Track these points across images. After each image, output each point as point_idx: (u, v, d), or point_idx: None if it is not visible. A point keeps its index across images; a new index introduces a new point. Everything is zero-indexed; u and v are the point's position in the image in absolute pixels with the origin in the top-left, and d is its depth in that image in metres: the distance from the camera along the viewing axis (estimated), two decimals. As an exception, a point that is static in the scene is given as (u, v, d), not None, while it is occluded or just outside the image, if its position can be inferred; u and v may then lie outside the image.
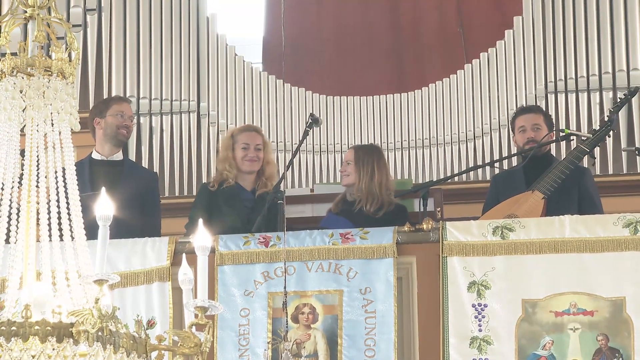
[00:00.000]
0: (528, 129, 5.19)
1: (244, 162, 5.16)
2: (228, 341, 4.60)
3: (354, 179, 5.10)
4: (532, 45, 6.93)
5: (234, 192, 5.13)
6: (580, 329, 4.47)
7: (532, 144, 5.14)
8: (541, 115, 5.27)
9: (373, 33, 7.47)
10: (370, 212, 5.01)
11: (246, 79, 7.21)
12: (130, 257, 4.74)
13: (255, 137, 5.23)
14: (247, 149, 5.17)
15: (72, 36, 3.00)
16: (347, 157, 5.21)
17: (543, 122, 5.23)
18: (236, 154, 5.18)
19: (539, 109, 5.55)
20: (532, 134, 5.18)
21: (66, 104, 2.94)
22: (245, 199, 5.13)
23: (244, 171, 5.17)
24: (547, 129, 5.20)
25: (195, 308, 2.91)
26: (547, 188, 4.98)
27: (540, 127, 5.19)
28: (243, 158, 5.16)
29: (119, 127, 5.23)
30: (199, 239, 2.97)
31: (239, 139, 5.20)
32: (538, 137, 5.16)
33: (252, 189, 5.17)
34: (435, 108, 7.12)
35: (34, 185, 2.91)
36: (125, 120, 5.25)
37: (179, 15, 7.14)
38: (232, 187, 5.13)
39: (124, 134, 5.27)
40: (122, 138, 5.29)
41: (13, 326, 2.63)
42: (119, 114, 5.24)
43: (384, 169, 5.16)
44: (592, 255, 4.54)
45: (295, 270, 4.65)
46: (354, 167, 5.11)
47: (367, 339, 4.55)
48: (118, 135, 5.24)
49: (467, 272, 4.56)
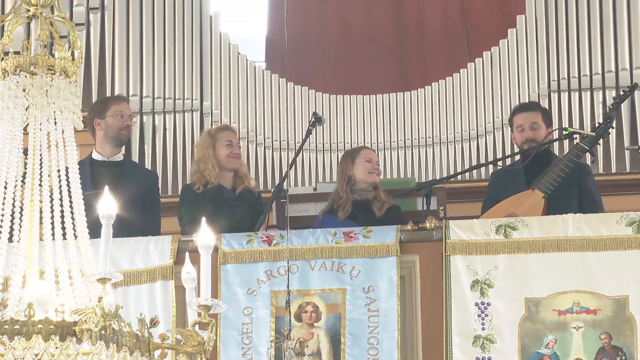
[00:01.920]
0: (526, 128, 5.17)
1: (229, 160, 5.17)
2: (231, 340, 4.59)
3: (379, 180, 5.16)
4: (535, 44, 6.93)
5: (218, 193, 5.14)
6: (583, 328, 4.47)
7: (531, 143, 5.12)
8: (539, 113, 5.24)
9: (376, 32, 7.47)
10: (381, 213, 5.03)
11: (249, 78, 7.21)
12: (133, 256, 4.73)
13: (234, 135, 5.28)
14: (231, 146, 5.18)
15: (75, 35, 3.00)
16: (373, 155, 5.23)
17: (541, 119, 5.20)
18: (218, 153, 5.18)
19: (537, 106, 5.51)
20: (531, 133, 5.16)
21: (69, 103, 2.94)
22: (228, 197, 5.14)
23: (228, 168, 5.18)
24: (545, 127, 5.18)
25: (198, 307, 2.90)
26: (547, 187, 4.97)
27: (538, 125, 5.17)
28: (228, 155, 5.17)
29: (121, 128, 5.22)
30: (202, 237, 2.96)
31: (221, 137, 5.22)
32: (536, 136, 5.14)
33: (232, 187, 5.18)
34: (438, 107, 7.12)
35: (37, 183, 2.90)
36: (126, 120, 5.24)
37: (181, 14, 7.14)
38: (215, 188, 5.15)
39: (126, 134, 5.27)
40: (124, 138, 5.29)
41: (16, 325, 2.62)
42: (119, 114, 5.23)
43: None
44: (595, 253, 4.53)
45: (298, 268, 4.65)
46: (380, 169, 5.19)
47: (370, 337, 4.54)
48: (120, 136, 5.24)
49: (470, 270, 4.56)
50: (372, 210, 5.06)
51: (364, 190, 5.12)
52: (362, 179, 5.14)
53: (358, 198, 5.12)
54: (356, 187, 5.13)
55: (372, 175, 5.13)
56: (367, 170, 5.14)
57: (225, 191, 5.16)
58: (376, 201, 5.08)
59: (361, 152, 5.24)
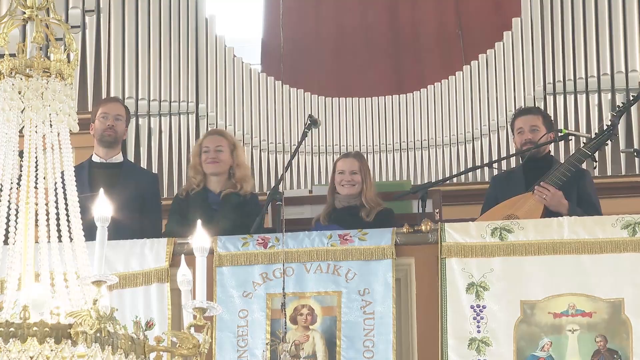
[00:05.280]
0: (526, 130, 5.17)
1: (206, 165, 5.19)
2: (226, 342, 4.59)
3: (359, 189, 5.08)
4: (531, 46, 6.93)
5: (201, 197, 5.16)
6: (578, 330, 4.47)
7: (530, 145, 5.12)
8: (540, 117, 5.25)
9: (372, 34, 7.47)
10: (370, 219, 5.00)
11: (245, 80, 7.20)
12: (128, 259, 4.73)
13: (217, 139, 5.27)
14: (207, 152, 5.20)
15: (71, 37, 3.00)
16: (352, 166, 5.12)
17: (542, 123, 5.20)
18: (202, 159, 5.21)
19: (538, 110, 5.53)
20: (530, 135, 5.16)
21: (65, 105, 2.94)
22: (211, 201, 5.15)
23: (208, 174, 5.19)
24: (545, 130, 5.18)
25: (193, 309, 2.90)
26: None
27: (538, 128, 5.17)
28: (205, 161, 5.19)
29: (104, 129, 5.25)
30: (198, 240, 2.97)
31: (203, 143, 5.27)
32: (535, 139, 5.14)
33: (220, 191, 5.19)
34: (434, 109, 7.11)
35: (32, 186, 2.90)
36: (108, 121, 5.26)
37: (177, 16, 7.14)
38: (199, 192, 5.18)
39: (110, 134, 5.28)
40: (108, 138, 5.29)
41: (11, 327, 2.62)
42: (104, 116, 5.27)
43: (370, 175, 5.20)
44: (590, 256, 4.53)
45: (294, 271, 4.65)
46: (359, 177, 5.09)
47: (366, 340, 4.54)
48: (103, 137, 5.27)
49: (466, 273, 4.56)
50: (360, 215, 5.03)
51: (346, 197, 5.10)
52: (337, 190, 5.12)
53: (346, 204, 5.10)
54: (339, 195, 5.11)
55: (343, 188, 5.09)
56: (339, 182, 5.10)
57: (211, 195, 5.18)
58: (363, 208, 5.05)
59: (337, 163, 5.20)
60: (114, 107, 5.35)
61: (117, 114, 5.29)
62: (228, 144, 5.25)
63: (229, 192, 5.15)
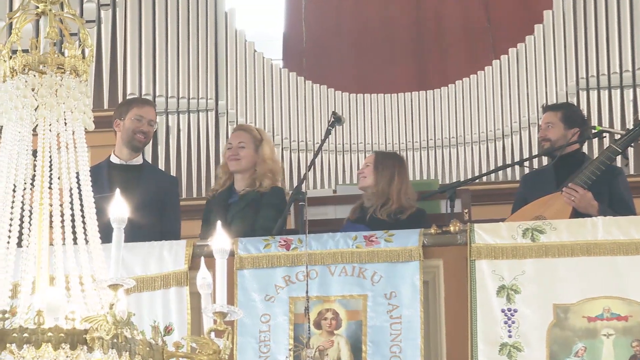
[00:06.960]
0: (542, 127, 5.15)
1: (229, 162, 5.11)
2: (248, 348, 4.54)
3: (370, 182, 5.03)
4: (563, 40, 6.90)
5: (223, 197, 5.10)
6: (614, 335, 4.41)
7: (545, 143, 5.10)
8: (558, 113, 5.20)
9: (394, 29, 7.43)
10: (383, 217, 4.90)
11: (266, 76, 7.16)
12: (147, 261, 4.69)
13: (239, 135, 5.16)
14: (230, 149, 5.11)
15: (86, 32, 2.96)
16: (367, 160, 5.17)
17: (559, 119, 5.14)
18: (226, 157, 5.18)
19: (558, 106, 5.49)
20: (544, 132, 5.12)
21: (79, 103, 2.90)
22: (231, 201, 5.08)
23: (231, 171, 5.11)
24: (563, 127, 5.10)
25: (213, 313, 2.85)
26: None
27: (552, 124, 5.13)
28: (227, 158, 5.11)
29: (135, 131, 5.12)
30: (218, 241, 2.91)
31: (228, 140, 5.22)
32: (550, 135, 5.09)
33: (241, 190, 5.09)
34: (462, 106, 7.08)
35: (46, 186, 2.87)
36: (143, 125, 5.13)
37: (196, 10, 7.10)
38: (223, 192, 5.11)
39: (141, 139, 5.15)
40: (138, 144, 5.17)
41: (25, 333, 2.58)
42: (138, 118, 5.13)
43: (405, 177, 5.08)
44: (625, 257, 4.47)
45: (318, 274, 4.59)
46: (372, 170, 5.01)
47: (393, 345, 4.48)
48: (133, 140, 5.14)
49: (496, 275, 4.50)
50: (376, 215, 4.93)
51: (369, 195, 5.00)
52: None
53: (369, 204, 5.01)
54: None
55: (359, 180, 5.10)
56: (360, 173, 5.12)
57: (233, 194, 5.10)
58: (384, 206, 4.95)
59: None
60: (149, 111, 5.20)
61: (151, 119, 5.18)
62: (252, 140, 5.12)
63: (246, 190, 5.04)
